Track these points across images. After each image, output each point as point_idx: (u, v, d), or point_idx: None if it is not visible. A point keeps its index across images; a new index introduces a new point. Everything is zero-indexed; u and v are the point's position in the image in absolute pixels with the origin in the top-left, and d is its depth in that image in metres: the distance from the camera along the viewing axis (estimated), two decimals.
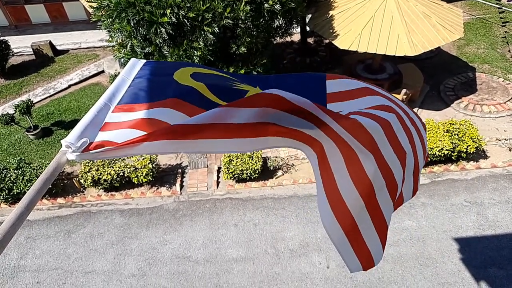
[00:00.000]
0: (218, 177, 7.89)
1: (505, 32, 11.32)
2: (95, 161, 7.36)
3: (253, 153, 7.51)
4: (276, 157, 7.96)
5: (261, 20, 6.56)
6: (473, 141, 7.32)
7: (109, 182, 7.40)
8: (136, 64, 2.09)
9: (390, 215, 2.12)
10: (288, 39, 10.36)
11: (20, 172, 7.33)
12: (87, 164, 7.47)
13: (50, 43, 11.99)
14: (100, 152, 1.66)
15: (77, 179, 7.70)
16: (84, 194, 7.72)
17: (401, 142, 2.10)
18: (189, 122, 1.71)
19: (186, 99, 1.87)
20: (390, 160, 2.02)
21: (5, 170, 7.36)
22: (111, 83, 1.98)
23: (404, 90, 8.42)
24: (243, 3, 5.93)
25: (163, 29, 5.76)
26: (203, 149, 1.74)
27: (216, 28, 5.87)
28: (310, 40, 11.49)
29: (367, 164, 1.92)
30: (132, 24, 5.82)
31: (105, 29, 6.25)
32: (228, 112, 1.70)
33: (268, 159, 7.85)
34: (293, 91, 2.05)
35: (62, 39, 12.73)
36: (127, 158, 7.54)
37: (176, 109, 1.82)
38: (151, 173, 7.55)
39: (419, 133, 2.35)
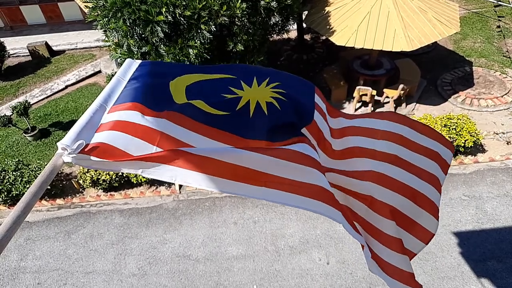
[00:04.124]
0: None
1: (498, 26, 11.31)
2: None
3: None
4: None
5: (257, 17, 6.54)
6: (470, 135, 7.33)
7: (108, 182, 7.40)
8: (132, 65, 2.08)
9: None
10: (285, 36, 10.33)
11: (18, 173, 7.31)
12: None
13: (46, 43, 11.94)
14: (100, 162, 1.66)
15: (76, 179, 7.69)
16: (83, 195, 7.72)
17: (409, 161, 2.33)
18: (204, 154, 1.74)
19: (184, 112, 1.89)
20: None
21: (3, 172, 7.35)
22: (108, 83, 1.97)
23: (401, 86, 8.42)
24: (239, 1, 5.91)
25: (159, 28, 5.73)
26: (218, 188, 1.78)
27: (213, 26, 5.85)
28: (307, 36, 11.47)
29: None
30: (128, 24, 5.79)
31: (101, 29, 6.22)
32: (247, 156, 1.77)
33: None
34: (289, 91, 2.12)
35: (58, 40, 12.69)
36: None
37: (176, 122, 1.83)
38: None
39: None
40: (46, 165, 1.50)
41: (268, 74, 2.26)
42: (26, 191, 1.52)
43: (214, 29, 5.88)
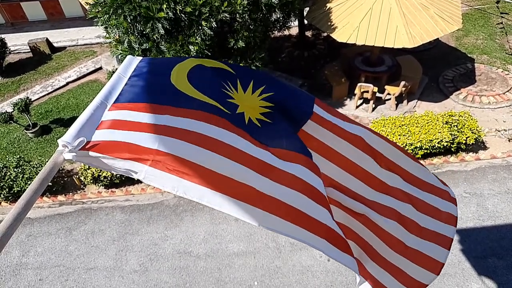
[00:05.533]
0: None
1: (500, 23, 11.26)
2: None
3: None
4: None
5: (258, 13, 6.52)
6: (472, 133, 7.31)
7: (109, 178, 7.41)
8: (132, 62, 2.07)
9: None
10: (286, 32, 10.31)
11: (20, 170, 7.33)
12: None
13: (47, 40, 11.93)
14: (100, 159, 1.66)
15: (77, 176, 7.71)
16: (85, 191, 7.73)
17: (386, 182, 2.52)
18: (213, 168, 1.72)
19: (183, 105, 1.89)
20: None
21: (4, 169, 7.36)
22: (109, 79, 1.97)
23: (403, 82, 8.40)
24: None
25: (159, 25, 5.72)
26: (219, 206, 1.73)
27: (214, 23, 5.84)
28: (308, 33, 11.44)
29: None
30: (128, 20, 5.78)
31: (101, 25, 6.21)
32: (250, 175, 1.76)
33: None
34: (285, 104, 2.13)
35: (59, 36, 12.67)
36: None
37: (178, 115, 1.83)
38: None
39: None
40: (47, 161, 1.49)
41: (263, 83, 2.24)
42: (27, 187, 1.52)
43: (215, 25, 5.86)
